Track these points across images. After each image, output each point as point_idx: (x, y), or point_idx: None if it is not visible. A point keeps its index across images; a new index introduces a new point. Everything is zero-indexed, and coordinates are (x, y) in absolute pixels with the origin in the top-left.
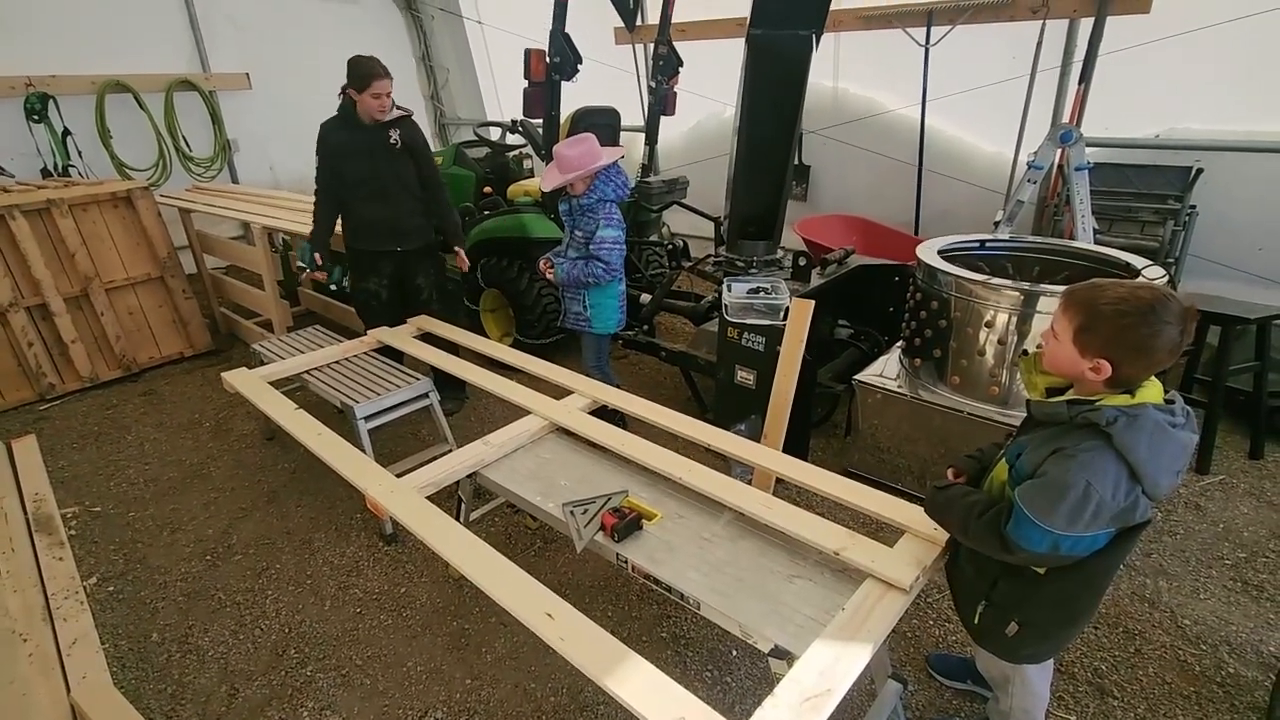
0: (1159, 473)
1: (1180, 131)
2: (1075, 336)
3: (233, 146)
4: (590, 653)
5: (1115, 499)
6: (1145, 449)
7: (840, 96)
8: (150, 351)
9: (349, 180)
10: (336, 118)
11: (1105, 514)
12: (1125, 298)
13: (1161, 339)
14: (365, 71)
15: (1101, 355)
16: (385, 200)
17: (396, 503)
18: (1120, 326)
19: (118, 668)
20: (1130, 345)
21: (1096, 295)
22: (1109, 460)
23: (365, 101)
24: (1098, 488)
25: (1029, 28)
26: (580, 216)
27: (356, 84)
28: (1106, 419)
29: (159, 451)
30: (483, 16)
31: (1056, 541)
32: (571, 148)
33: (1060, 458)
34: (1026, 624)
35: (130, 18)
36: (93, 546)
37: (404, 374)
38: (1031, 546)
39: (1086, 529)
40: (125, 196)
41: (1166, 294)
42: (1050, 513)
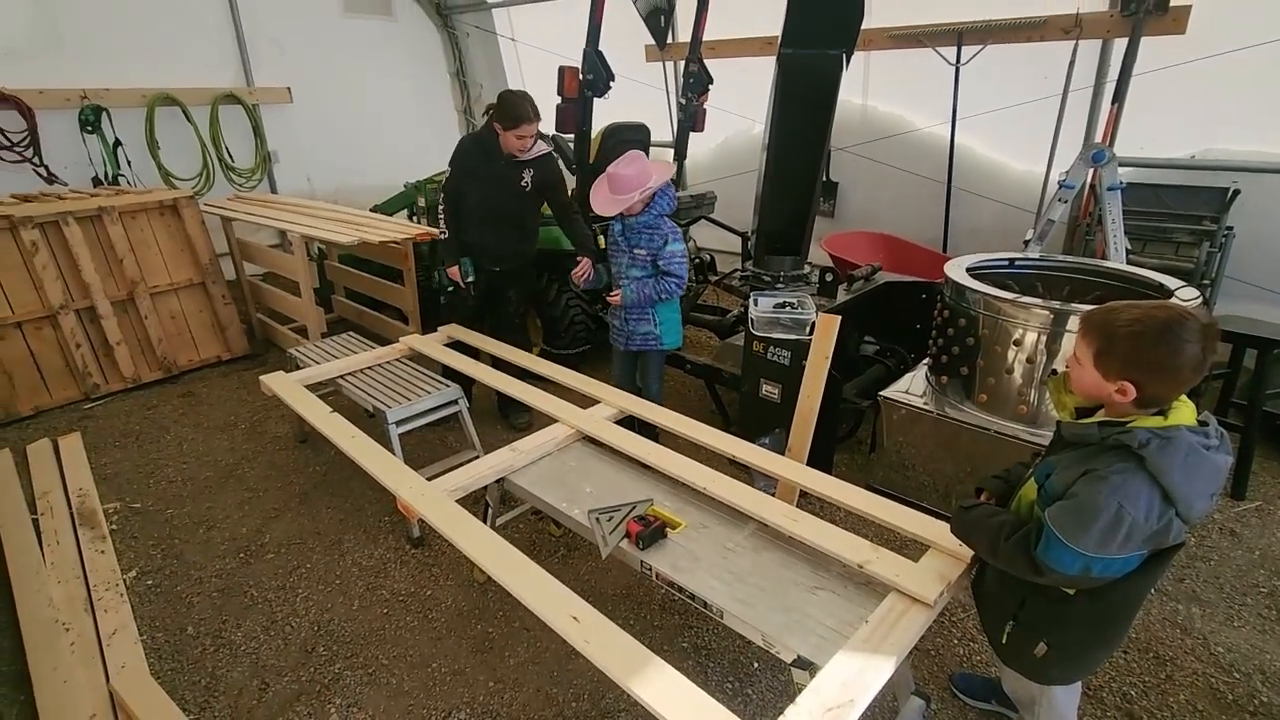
0: (1193, 495)
1: (1217, 152)
2: (1095, 361)
3: (273, 158)
4: (614, 656)
5: (1148, 521)
6: (1179, 471)
7: (869, 114)
8: (190, 354)
9: (468, 202)
10: (476, 139)
11: (1137, 536)
12: (1140, 318)
13: (1182, 357)
14: (516, 113)
15: (1124, 377)
16: (495, 230)
17: (427, 505)
18: (1138, 348)
19: (154, 658)
20: (1150, 365)
21: (1112, 318)
22: (1142, 483)
23: (508, 139)
24: (1130, 510)
25: (1061, 47)
26: (639, 234)
27: (504, 120)
28: (1139, 441)
29: (196, 451)
30: (516, 34)
31: (1088, 564)
32: (627, 167)
33: (1092, 479)
34: (1056, 645)
35: (181, 35)
36: (132, 541)
37: (434, 380)
38: (1062, 569)
39: (1119, 551)
40: (172, 205)
41: (1184, 312)
42: (1081, 535)
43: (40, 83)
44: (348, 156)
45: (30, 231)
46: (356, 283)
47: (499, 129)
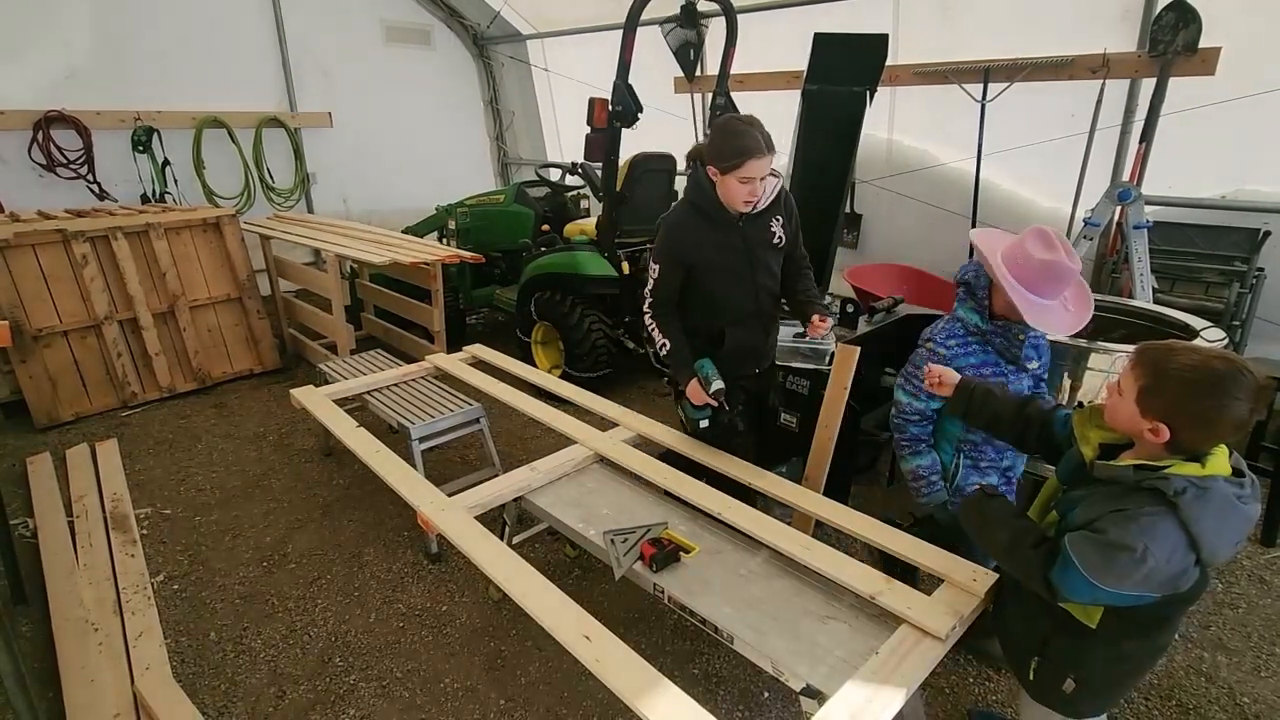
0: (1220, 545)
1: (1248, 193)
2: (1139, 396)
3: (311, 179)
4: (624, 677)
5: (1169, 565)
6: (1212, 521)
7: (894, 148)
8: (223, 367)
9: (709, 298)
10: (685, 207)
11: (1155, 579)
12: (1197, 366)
13: (1227, 414)
14: (736, 146)
15: (1162, 419)
16: (759, 319)
17: (446, 520)
18: (1186, 395)
19: (177, 662)
20: (1193, 414)
21: (1167, 358)
22: (1170, 528)
23: (731, 188)
24: (1154, 553)
25: (1089, 86)
26: (1038, 339)
27: (719, 160)
28: (1175, 489)
29: (225, 461)
30: (549, 65)
31: (1097, 595)
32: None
33: (1121, 518)
34: (1083, 681)
35: (230, 61)
36: (161, 546)
37: (458, 398)
38: (1074, 595)
39: (1132, 589)
40: (214, 222)
41: (1242, 367)
42: (1101, 571)
43: (98, 104)
44: (382, 179)
45: (81, 245)
46: (386, 301)
47: (714, 174)
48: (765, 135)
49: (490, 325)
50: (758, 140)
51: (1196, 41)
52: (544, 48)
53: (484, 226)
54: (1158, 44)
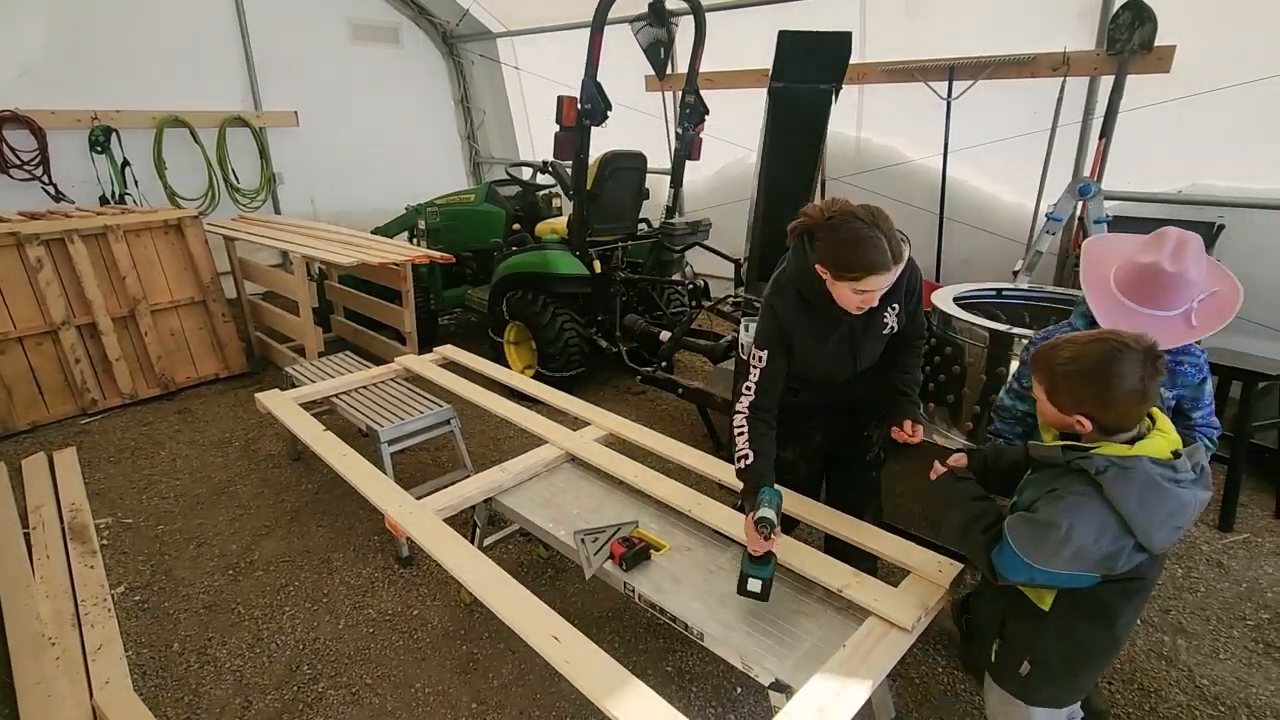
0: (1152, 527)
1: (1203, 188)
2: (1049, 398)
3: (277, 179)
4: (594, 677)
5: (1097, 545)
6: (1135, 502)
7: (863, 146)
8: (188, 371)
9: (800, 372)
10: (791, 290)
11: (1085, 558)
12: (1074, 356)
13: (1120, 388)
14: (858, 259)
15: (1076, 412)
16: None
17: (414, 523)
18: (1079, 385)
19: (139, 675)
20: (1093, 399)
21: (1052, 357)
22: (1096, 508)
23: (842, 292)
24: (1079, 531)
25: (1051, 84)
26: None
27: (834, 266)
28: (1096, 468)
29: (190, 468)
30: (520, 63)
31: (1033, 575)
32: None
33: (1052, 498)
34: (1038, 663)
35: (192, 59)
36: (122, 556)
37: (428, 400)
38: (1009, 574)
39: (1064, 568)
40: (176, 224)
41: (1120, 343)
42: (1031, 548)
43: (53, 104)
44: (351, 179)
45: (36, 248)
46: (355, 303)
47: (825, 274)
48: (896, 244)
49: (463, 326)
50: (884, 254)
51: (1152, 40)
52: (514, 46)
53: (454, 226)
54: (1115, 42)
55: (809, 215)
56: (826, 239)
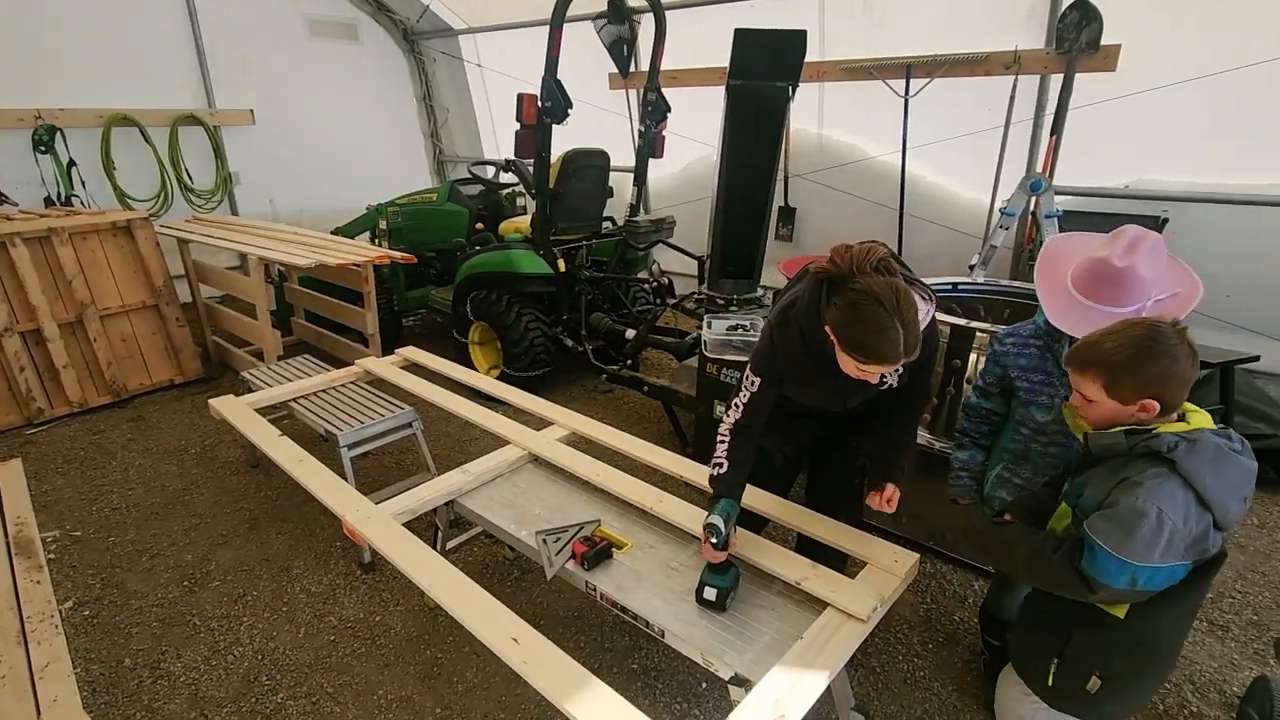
0: (1226, 498)
1: (1148, 182)
2: (1109, 392)
3: (234, 180)
4: (553, 677)
5: (1186, 526)
6: (1210, 474)
7: (825, 142)
8: (141, 378)
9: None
10: (797, 335)
11: (1179, 543)
12: (1124, 343)
13: (1181, 360)
14: (870, 345)
15: (1142, 396)
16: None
17: (372, 528)
18: (1140, 364)
19: (88, 692)
20: (1160, 378)
21: (1102, 351)
22: (1176, 486)
23: (843, 360)
24: (1169, 514)
25: (1003, 82)
26: None
27: (844, 341)
28: (1167, 445)
29: (143, 477)
30: (482, 60)
31: (1134, 575)
32: (1146, 263)
33: (1127, 486)
34: (1110, 677)
35: (140, 55)
36: (70, 571)
37: (389, 403)
38: (1110, 581)
39: (1162, 560)
40: (125, 226)
41: (1151, 322)
42: (1125, 543)
43: None
44: (311, 179)
45: None
46: (316, 305)
47: (834, 339)
48: (913, 337)
49: (428, 327)
50: (897, 348)
51: (1099, 39)
52: (477, 43)
53: (417, 226)
54: (1063, 41)
55: (836, 265)
56: (844, 313)
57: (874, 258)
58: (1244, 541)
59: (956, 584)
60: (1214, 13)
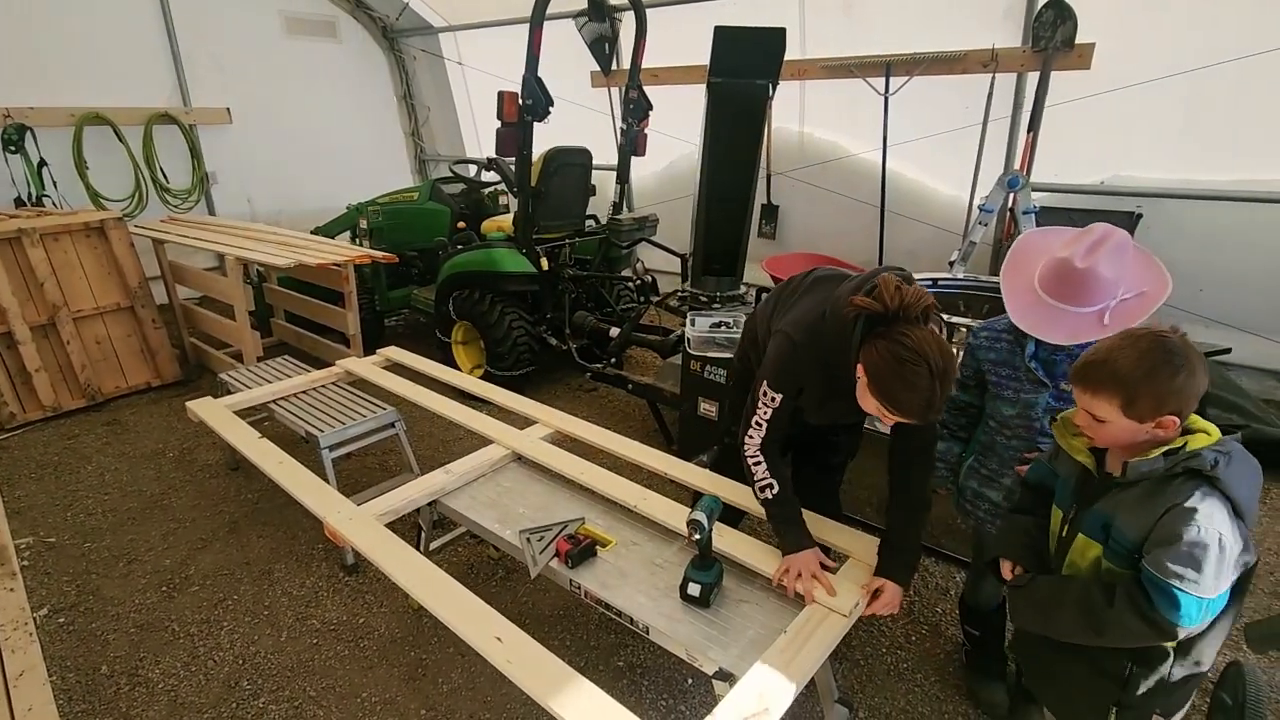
0: (1252, 504)
1: (1123, 179)
2: (1125, 412)
3: (211, 179)
4: (537, 676)
5: (1237, 543)
6: (1242, 484)
7: (806, 140)
8: (116, 381)
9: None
10: (819, 355)
11: (1233, 563)
12: (1139, 358)
13: (1198, 372)
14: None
15: (1161, 413)
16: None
17: (354, 530)
18: (1158, 380)
19: (64, 700)
20: (1179, 392)
21: (1117, 369)
22: (1218, 504)
23: (865, 399)
24: (1226, 537)
25: (981, 80)
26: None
27: (876, 386)
28: (1209, 463)
29: (119, 482)
30: (463, 58)
31: (1208, 606)
32: (1114, 261)
33: (1180, 514)
34: (1170, 712)
35: (112, 53)
36: (45, 578)
37: (371, 403)
38: (1190, 622)
39: (1225, 585)
40: (98, 226)
41: (1157, 333)
42: (1200, 580)
43: None
44: (290, 178)
45: None
46: (296, 306)
47: (866, 380)
48: (946, 396)
49: (410, 327)
50: (932, 409)
51: (1074, 37)
52: (457, 41)
53: (398, 225)
54: (1039, 39)
55: (883, 305)
56: (887, 364)
57: (923, 304)
58: None
59: (938, 576)
60: (1186, 12)
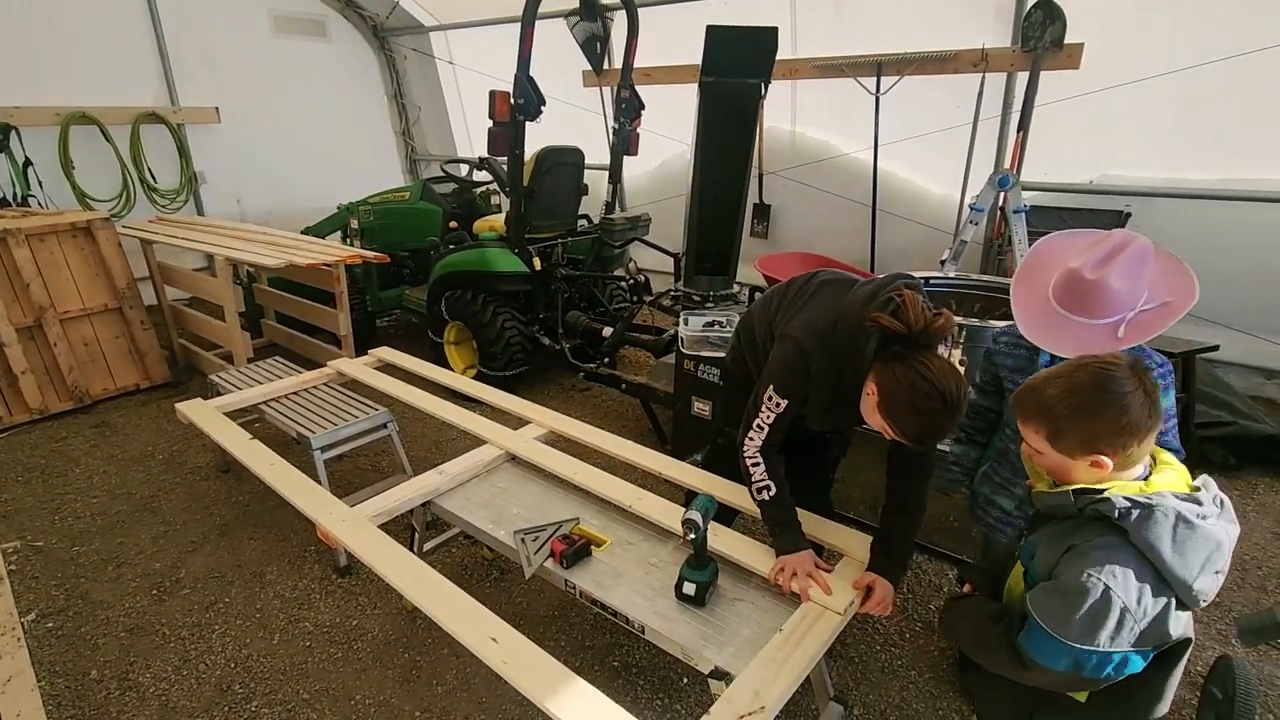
0: (1191, 575)
1: (1112, 178)
2: (1053, 444)
3: (199, 179)
4: (533, 676)
5: (1142, 606)
6: (1170, 546)
7: (798, 140)
8: (104, 383)
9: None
10: (827, 351)
11: (1130, 626)
12: (1069, 389)
13: (1132, 411)
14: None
15: (1090, 450)
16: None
17: (347, 531)
18: (1085, 419)
19: (53, 706)
20: (1110, 431)
21: (1043, 398)
22: (1128, 559)
23: (871, 414)
24: (1119, 594)
25: (971, 79)
26: None
27: (889, 409)
28: (1118, 511)
29: (108, 485)
30: (454, 57)
31: (1079, 659)
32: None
33: (1073, 556)
34: None
35: (99, 51)
36: (33, 582)
37: (363, 404)
38: (1048, 662)
39: (1110, 645)
40: (85, 227)
41: (1105, 363)
42: (1065, 623)
43: None
44: (280, 178)
45: None
46: (287, 306)
47: (876, 398)
48: (954, 425)
49: (402, 327)
50: (938, 436)
51: (1063, 37)
52: (448, 40)
53: (389, 225)
54: (1029, 39)
55: (904, 325)
56: (902, 389)
57: (945, 329)
58: None
59: (932, 573)
60: (1174, 13)
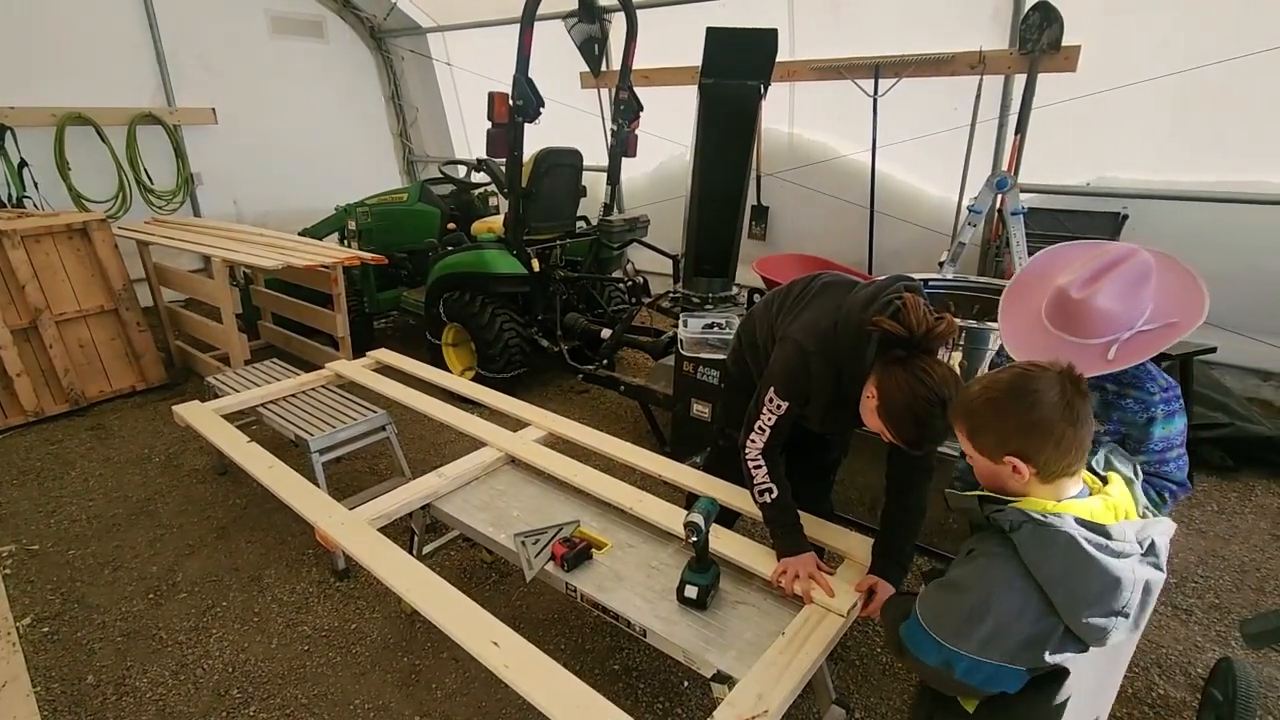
0: (1076, 604)
1: (1109, 180)
2: (973, 444)
3: (196, 180)
4: (534, 680)
5: (1021, 621)
6: (1056, 568)
7: (796, 142)
8: (100, 385)
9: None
10: (828, 353)
11: (1004, 640)
12: (987, 386)
13: (1043, 409)
14: (904, 428)
15: (1006, 452)
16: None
17: (346, 534)
18: (997, 413)
19: (49, 711)
20: (1018, 428)
21: (965, 396)
22: (1013, 573)
23: (870, 415)
24: (998, 602)
25: (969, 82)
26: (1117, 394)
27: (886, 410)
28: (1010, 523)
29: (104, 488)
30: (452, 59)
31: (949, 658)
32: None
33: (965, 559)
34: None
35: (94, 52)
36: (28, 586)
37: (361, 406)
38: (920, 654)
39: (980, 652)
40: (81, 228)
41: (1028, 365)
42: (939, 620)
43: None
44: (277, 180)
45: None
46: (284, 308)
47: (876, 401)
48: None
49: (400, 329)
50: (934, 441)
51: (1060, 40)
52: (445, 41)
53: (387, 226)
54: (1026, 42)
55: (909, 329)
56: (903, 394)
57: (947, 334)
58: (1204, 527)
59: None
60: (1171, 16)
